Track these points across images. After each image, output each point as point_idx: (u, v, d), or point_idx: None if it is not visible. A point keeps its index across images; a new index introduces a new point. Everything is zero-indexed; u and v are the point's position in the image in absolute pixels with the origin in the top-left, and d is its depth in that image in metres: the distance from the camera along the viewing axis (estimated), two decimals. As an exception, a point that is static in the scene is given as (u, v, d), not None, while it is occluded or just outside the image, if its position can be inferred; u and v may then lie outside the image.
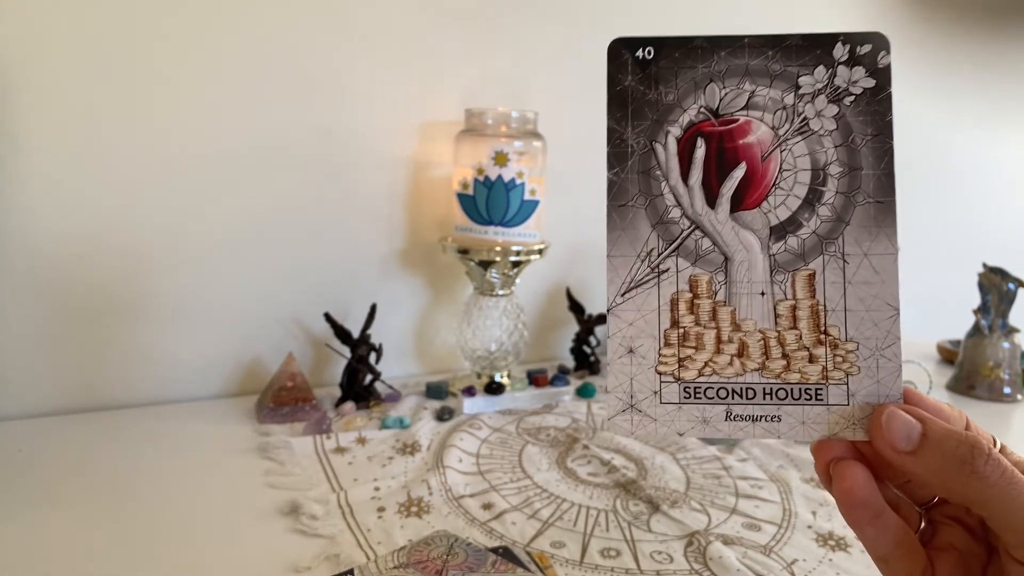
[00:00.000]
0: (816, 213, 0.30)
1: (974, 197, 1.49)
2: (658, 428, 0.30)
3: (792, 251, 0.30)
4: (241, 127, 0.83)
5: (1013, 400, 0.97)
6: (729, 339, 0.30)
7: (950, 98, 1.39)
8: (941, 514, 0.31)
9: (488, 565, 0.48)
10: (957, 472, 0.26)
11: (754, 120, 0.31)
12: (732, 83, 0.31)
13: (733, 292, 0.30)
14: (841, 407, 0.30)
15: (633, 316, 0.30)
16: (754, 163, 0.31)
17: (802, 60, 0.31)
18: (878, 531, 0.28)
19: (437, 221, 0.95)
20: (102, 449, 0.69)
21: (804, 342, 0.30)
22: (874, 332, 0.30)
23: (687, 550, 0.56)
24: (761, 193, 0.31)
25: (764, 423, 0.30)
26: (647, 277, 0.31)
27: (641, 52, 0.31)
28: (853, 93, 0.31)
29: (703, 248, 0.31)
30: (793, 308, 0.30)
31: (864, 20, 1.26)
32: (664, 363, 0.30)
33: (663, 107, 0.31)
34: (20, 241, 0.75)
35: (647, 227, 0.31)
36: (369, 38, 0.88)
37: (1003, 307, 1.00)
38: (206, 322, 0.85)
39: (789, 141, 0.31)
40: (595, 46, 1.10)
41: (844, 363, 0.30)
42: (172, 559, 0.52)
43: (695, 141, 0.31)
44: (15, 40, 0.71)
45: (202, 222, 0.83)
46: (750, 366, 0.30)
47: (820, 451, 0.30)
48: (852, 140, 0.31)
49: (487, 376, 0.89)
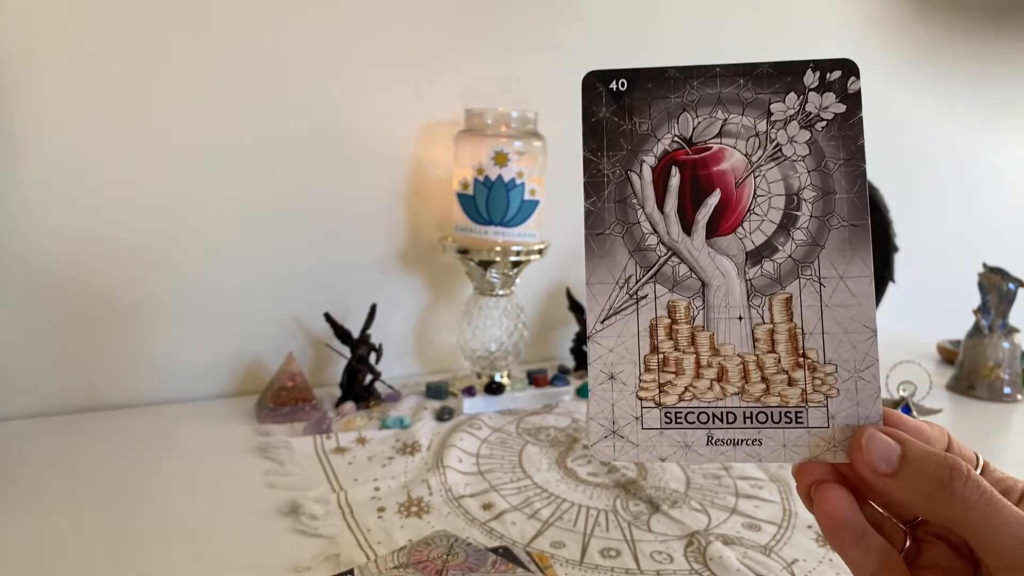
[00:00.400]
0: (791, 237, 0.31)
1: (974, 197, 1.49)
2: (640, 453, 0.30)
3: (768, 275, 0.31)
4: (241, 127, 0.83)
5: (1013, 400, 0.97)
6: (708, 364, 0.31)
7: (950, 98, 1.39)
8: (926, 532, 0.30)
9: (488, 565, 0.48)
10: (936, 494, 0.26)
11: (727, 147, 0.31)
12: (705, 112, 0.31)
13: (711, 317, 0.31)
14: (821, 429, 0.30)
15: (613, 342, 0.31)
16: (728, 190, 0.31)
17: (773, 88, 0.31)
18: (861, 552, 0.28)
19: (437, 221, 0.95)
20: (102, 449, 0.69)
21: (783, 365, 0.30)
22: (852, 354, 0.30)
23: (687, 550, 0.56)
24: (736, 219, 0.31)
25: (745, 447, 0.30)
26: (626, 304, 0.31)
27: (615, 84, 0.32)
28: (824, 119, 0.31)
29: (680, 274, 0.31)
30: (771, 332, 0.30)
31: (865, 20, 1.26)
32: (645, 388, 0.31)
33: (637, 137, 0.31)
34: (20, 241, 0.75)
35: (625, 254, 0.31)
36: (369, 38, 0.88)
37: (1003, 307, 1.00)
38: (206, 322, 0.85)
39: (763, 167, 0.31)
40: (595, 46, 1.10)
41: (823, 386, 0.30)
42: (172, 559, 0.52)
43: (670, 169, 0.31)
44: (15, 40, 0.71)
45: (202, 222, 0.83)
46: (730, 390, 0.30)
47: (801, 474, 0.30)
48: (825, 165, 0.31)
49: (487, 376, 0.89)
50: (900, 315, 1.24)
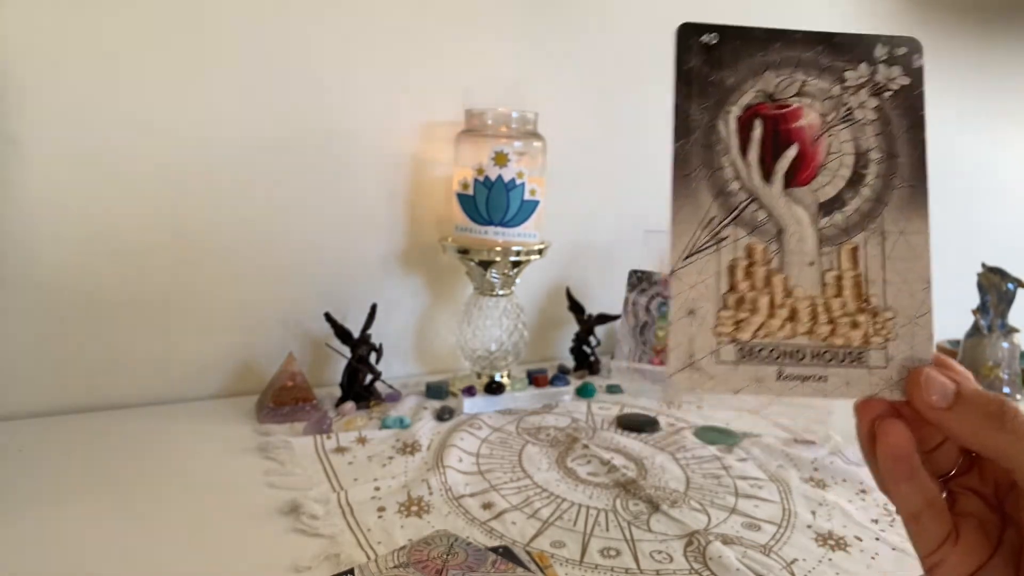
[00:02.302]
0: (859, 193, 0.33)
1: (974, 197, 1.49)
2: (716, 385, 0.32)
3: (838, 226, 0.33)
4: (241, 127, 0.83)
5: (1012, 400, 0.97)
6: (781, 304, 0.32)
7: (950, 98, 1.39)
8: (959, 485, 0.33)
9: (488, 565, 0.49)
10: (988, 426, 0.29)
11: (805, 106, 0.34)
12: (786, 72, 0.34)
13: (785, 261, 0.33)
14: (881, 369, 0.32)
15: (694, 279, 0.32)
16: (805, 145, 0.33)
17: (847, 57, 0.34)
18: (913, 488, 0.30)
19: (437, 221, 0.95)
20: (102, 449, 0.69)
21: (848, 309, 0.32)
22: (909, 302, 0.32)
23: (687, 550, 0.56)
24: (811, 172, 0.33)
25: (812, 383, 0.32)
26: (707, 243, 0.33)
27: (706, 37, 0.34)
28: (891, 89, 0.33)
29: (759, 219, 0.33)
30: (839, 278, 0.32)
31: (865, 20, 1.26)
32: (723, 324, 0.32)
33: (725, 88, 0.34)
34: (20, 241, 0.75)
35: (708, 197, 0.33)
36: (369, 39, 0.88)
37: (1002, 307, 1.00)
38: (206, 322, 0.85)
39: (836, 127, 0.33)
40: (595, 46, 1.11)
41: (883, 329, 0.32)
42: (173, 559, 0.52)
43: (752, 122, 0.33)
44: (15, 40, 0.71)
45: (202, 222, 0.83)
46: (800, 329, 0.32)
47: (864, 410, 0.32)
48: (890, 130, 0.33)
49: (487, 376, 0.89)
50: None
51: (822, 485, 0.69)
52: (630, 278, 1.00)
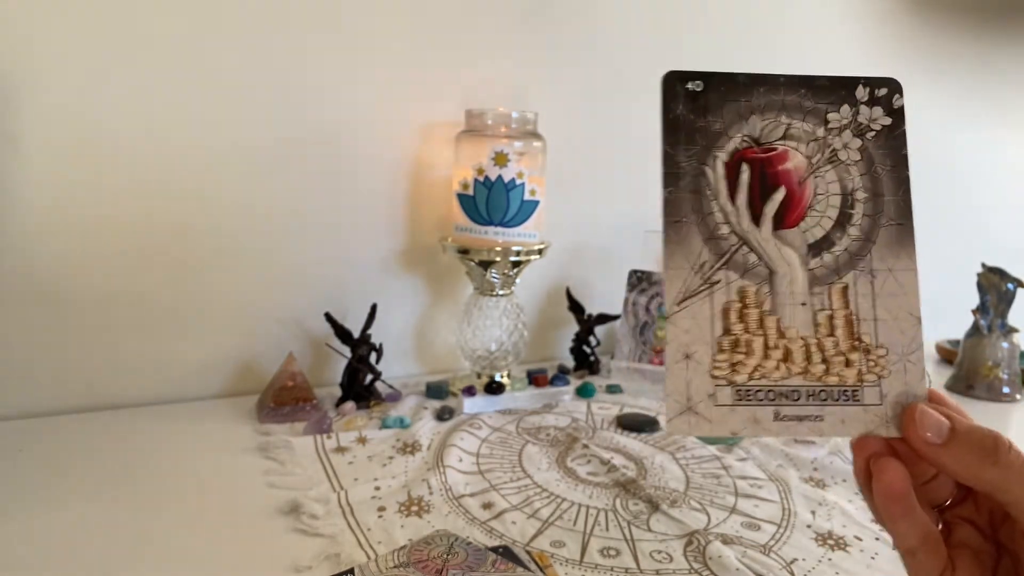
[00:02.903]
0: (847, 233, 0.34)
1: (973, 197, 1.49)
2: (714, 428, 0.32)
3: (827, 266, 0.33)
4: (241, 128, 0.83)
5: (1012, 400, 0.97)
6: (775, 345, 0.33)
7: (949, 98, 1.39)
8: (954, 515, 0.33)
9: (488, 564, 0.49)
10: (983, 461, 0.29)
11: (790, 149, 0.34)
12: (771, 116, 0.34)
13: (777, 303, 0.33)
14: (875, 407, 0.32)
15: (689, 324, 0.33)
16: (792, 187, 0.34)
17: (829, 99, 0.35)
18: (909, 525, 0.31)
19: (437, 221, 0.95)
20: (102, 449, 0.69)
21: (841, 348, 0.33)
22: (900, 339, 0.33)
23: (687, 549, 0.56)
24: (799, 214, 0.34)
25: (809, 422, 0.32)
26: (700, 287, 0.33)
27: (691, 84, 0.35)
28: (874, 129, 0.34)
29: (750, 262, 0.33)
30: (830, 317, 0.33)
31: (865, 20, 1.26)
32: (718, 367, 0.33)
33: (711, 134, 0.34)
34: (20, 241, 0.75)
35: (699, 241, 0.33)
36: (370, 39, 0.88)
37: (1002, 307, 1.00)
38: (206, 322, 0.85)
39: (821, 169, 0.34)
40: (595, 47, 1.10)
41: (876, 367, 0.32)
42: (173, 558, 0.52)
43: (740, 166, 0.34)
44: (15, 41, 0.71)
45: (202, 222, 0.83)
46: (794, 370, 0.33)
47: (859, 448, 0.32)
48: (874, 170, 0.34)
49: (487, 376, 0.89)
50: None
51: (822, 485, 0.69)
52: (630, 278, 1.00)
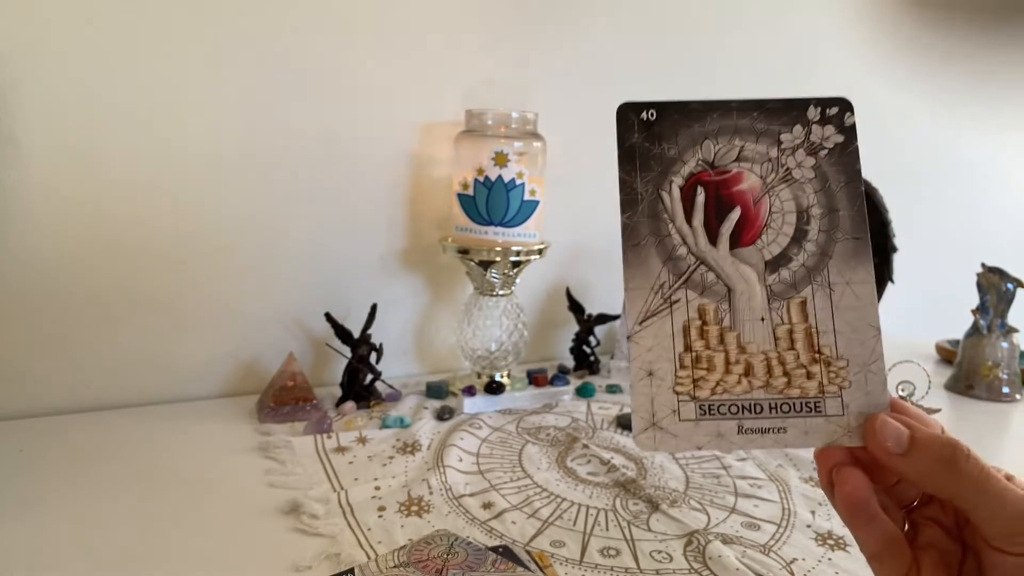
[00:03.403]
0: (803, 249, 0.34)
1: (973, 197, 1.49)
2: (679, 443, 0.33)
3: (785, 282, 0.34)
4: (242, 128, 0.83)
5: (1012, 400, 0.97)
6: (736, 360, 0.34)
7: (949, 98, 1.40)
8: (921, 516, 0.34)
9: (488, 564, 0.49)
10: (942, 470, 0.29)
11: (745, 171, 0.35)
12: (724, 139, 0.35)
13: (737, 319, 0.34)
14: (837, 417, 0.33)
15: (651, 342, 0.34)
16: (747, 207, 0.35)
17: (782, 120, 0.35)
18: (871, 532, 0.31)
19: (437, 221, 0.95)
20: (102, 449, 0.69)
21: (801, 361, 0.33)
22: (861, 350, 0.33)
23: (686, 549, 0.56)
24: (755, 232, 0.35)
25: (772, 434, 0.33)
26: (661, 307, 0.34)
27: (645, 114, 0.36)
28: (826, 147, 0.35)
29: (708, 281, 0.34)
30: (790, 331, 0.34)
31: (865, 21, 1.26)
32: (681, 383, 0.33)
33: (666, 160, 0.35)
34: (20, 241, 0.75)
35: (658, 263, 0.34)
36: (370, 39, 0.88)
37: (1002, 307, 1.00)
38: (206, 322, 0.85)
39: (776, 188, 0.35)
40: (595, 46, 1.10)
41: (837, 378, 0.33)
42: (173, 558, 0.52)
43: (696, 189, 0.35)
44: (15, 41, 0.71)
45: (202, 222, 0.83)
46: (756, 384, 0.33)
47: (823, 458, 0.33)
48: (828, 186, 0.35)
49: (487, 376, 0.89)
50: (899, 315, 1.24)
51: (825, 492, 0.69)
52: (630, 278, 1.00)
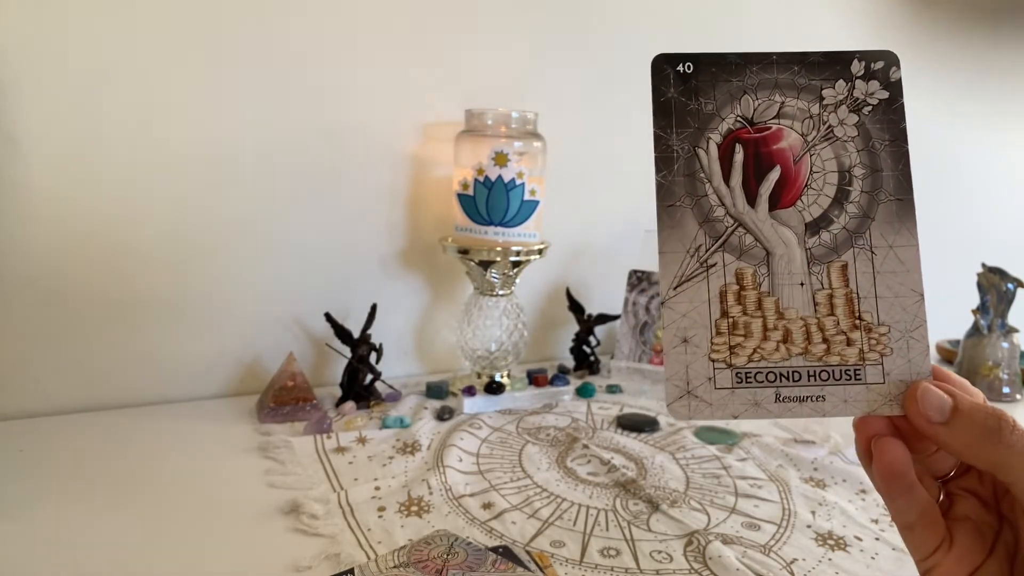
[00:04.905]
0: (845, 210, 0.33)
1: (973, 197, 1.49)
2: (714, 412, 0.32)
3: (826, 245, 0.33)
4: (242, 127, 0.83)
5: (1012, 400, 0.97)
6: (774, 327, 0.33)
7: (949, 98, 1.39)
8: (957, 487, 0.33)
9: (488, 564, 0.49)
10: (986, 441, 0.28)
11: (785, 128, 0.34)
12: (764, 95, 0.34)
13: (775, 283, 0.33)
14: (878, 385, 0.32)
15: (686, 308, 0.32)
16: (787, 166, 0.33)
17: (824, 75, 0.34)
18: (908, 502, 0.31)
19: (437, 221, 0.95)
20: (102, 449, 0.69)
21: (841, 327, 0.32)
22: (903, 316, 0.32)
23: (687, 549, 0.56)
24: (795, 193, 0.33)
25: (811, 403, 0.32)
26: (696, 271, 0.33)
27: (682, 67, 0.34)
28: (870, 104, 0.34)
29: (746, 243, 0.33)
30: (830, 296, 0.32)
31: (864, 20, 1.26)
32: (717, 350, 0.32)
33: (703, 116, 0.34)
34: (20, 241, 0.75)
35: (694, 225, 0.33)
36: (370, 39, 0.88)
37: (1002, 307, 1.00)
38: (206, 322, 0.85)
39: (817, 146, 0.34)
40: (595, 46, 1.10)
41: (878, 345, 0.32)
42: (173, 558, 0.52)
43: (734, 147, 0.34)
44: (15, 41, 0.71)
45: (202, 222, 0.83)
46: (794, 351, 0.32)
47: (861, 428, 0.32)
48: (872, 145, 0.33)
49: (487, 376, 0.89)
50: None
51: (822, 485, 0.69)
52: (630, 278, 1.00)
